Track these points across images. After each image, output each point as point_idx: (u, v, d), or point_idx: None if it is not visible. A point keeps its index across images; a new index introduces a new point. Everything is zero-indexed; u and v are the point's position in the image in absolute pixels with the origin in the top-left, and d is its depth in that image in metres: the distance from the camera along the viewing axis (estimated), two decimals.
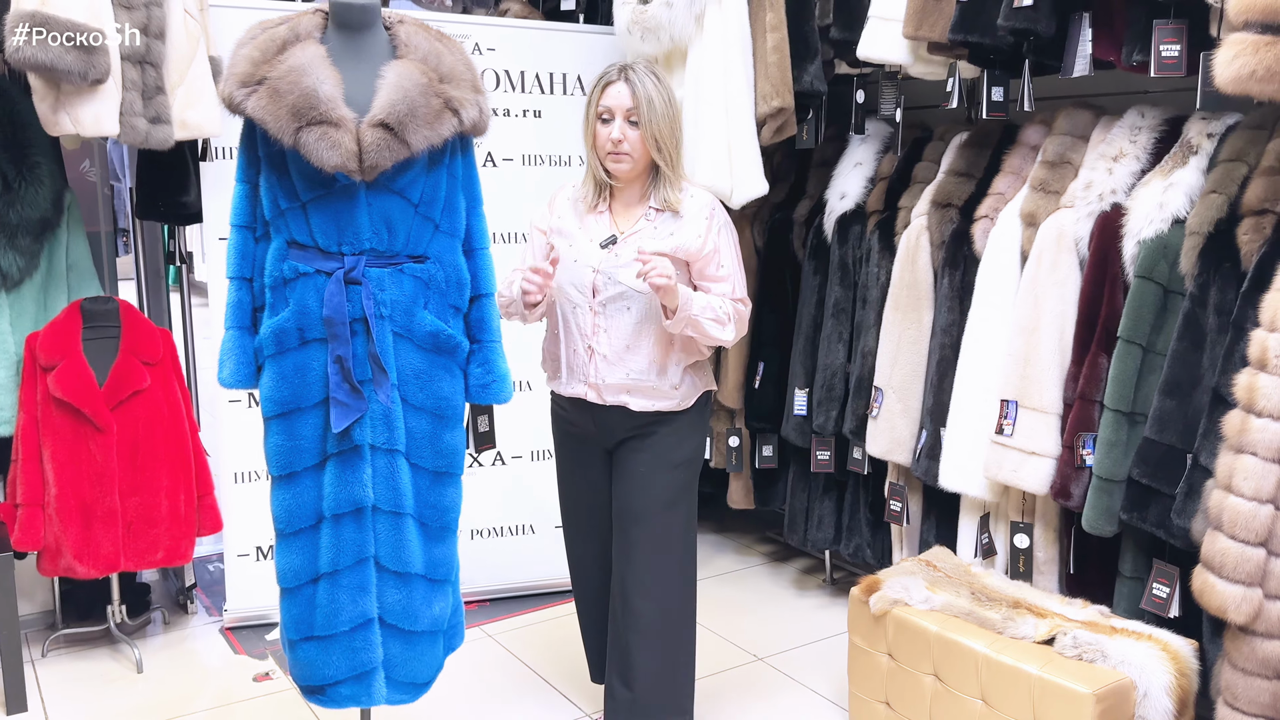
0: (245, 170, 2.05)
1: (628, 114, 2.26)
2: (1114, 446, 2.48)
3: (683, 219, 2.34)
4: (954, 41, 2.68)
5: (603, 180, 2.35)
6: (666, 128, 2.28)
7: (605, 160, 2.31)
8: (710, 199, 2.39)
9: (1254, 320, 2.14)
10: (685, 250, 2.32)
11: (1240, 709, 2.10)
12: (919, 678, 2.46)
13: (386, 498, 2.07)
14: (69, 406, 2.88)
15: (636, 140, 2.27)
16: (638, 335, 2.34)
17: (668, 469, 2.41)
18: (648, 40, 3.09)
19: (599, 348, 2.35)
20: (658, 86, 2.28)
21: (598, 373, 2.36)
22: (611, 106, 2.27)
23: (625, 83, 2.27)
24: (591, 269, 2.33)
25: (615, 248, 2.33)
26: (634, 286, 2.29)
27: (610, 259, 2.32)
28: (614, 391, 2.36)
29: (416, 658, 2.15)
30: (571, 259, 2.35)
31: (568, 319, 2.38)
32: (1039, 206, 2.70)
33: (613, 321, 2.34)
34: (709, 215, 2.35)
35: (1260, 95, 1.96)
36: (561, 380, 2.44)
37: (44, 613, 3.33)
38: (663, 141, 2.28)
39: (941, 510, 3.04)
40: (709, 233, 2.34)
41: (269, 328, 2.04)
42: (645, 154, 2.29)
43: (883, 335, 3.09)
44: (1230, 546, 2.05)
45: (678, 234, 2.33)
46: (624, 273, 2.30)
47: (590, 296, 2.33)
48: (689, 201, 2.35)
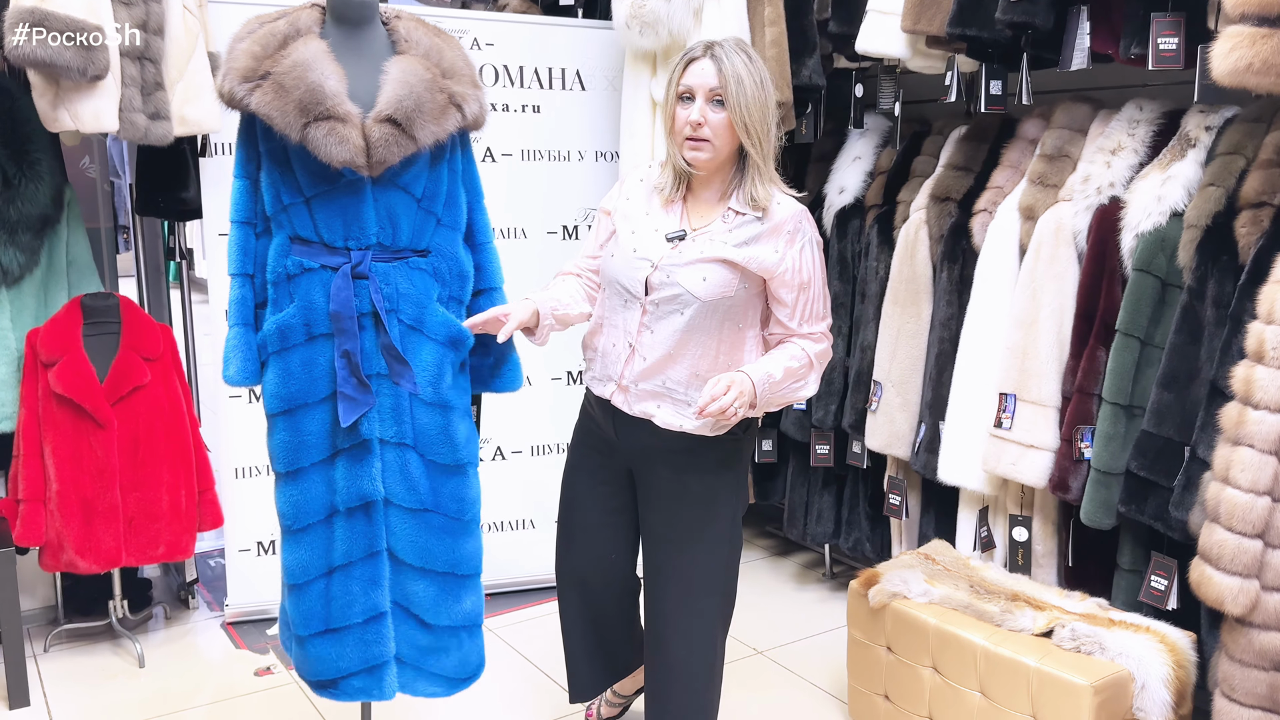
0: (244, 165, 2.05)
1: (711, 93, 1.99)
2: (1112, 439, 2.48)
3: (764, 227, 2.05)
4: (952, 35, 2.68)
5: (682, 169, 2.07)
6: (758, 111, 1.99)
7: (683, 148, 2.04)
8: (798, 210, 2.08)
9: (1251, 313, 2.15)
10: (759, 264, 2.04)
11: (1237, 700, 2.11)
12: (918, 670, 2.47)
13: (400, 492, 2.07)
14: (70, 402, 2.89)
15: (721, 124, 2.00)
16: (683, 343, 2.09)
17: (701, 504, 2.18)
18: (646, 35, 3.08)
19: (640, 349, 2.13)
20: (748, 66, 2.00)
21: (632, 373, 2.14)
22: (693, 85, 2.00)
23: (710, 59, 2.00)
24: (650, 264, 2.09)
25: (682, 244, 2.09)
26: (693, 290, 2.05)
27: (673, 255, 2.08)
28: (642, 398, 2.14)
29: (445, 652, 2.14)
30: (631, 248, 2.12)
31: (615, 313, 2.17)
32: (1037, 200, 2.70)
33: (660, 323, 2.10)
34: (794, 229, 2.06)
35: (1257, 88, 1.96)
36: (595, 375, 2.23)
37: (46, 608, 3.34)
38: (753, 127, 1.99)
39: (940, 504, 3.05)
40: (789, 248, 2.05)
41: (273, 324, 2.03)
42: (729, 142, 2.02)
43: (881, 329, 3.10)
44: (1227, 538, 2.06)
45: (754, 244, 2.05)
46: (684, 273, 2.05)
47: (643, 293, 2.10)
48: (776, 209, 2.06)
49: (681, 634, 2.23)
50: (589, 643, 2.47)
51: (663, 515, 2.22)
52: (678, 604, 2.22)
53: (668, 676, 2.25)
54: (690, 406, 2.11)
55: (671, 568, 2.22)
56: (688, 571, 2.21)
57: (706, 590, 2.23)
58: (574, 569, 2.41)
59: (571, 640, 2.48)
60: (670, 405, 2.14)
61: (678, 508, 2.20)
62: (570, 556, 2.40)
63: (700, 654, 2.24)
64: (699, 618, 2.23)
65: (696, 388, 2.10)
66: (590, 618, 2.44)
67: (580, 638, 2.46)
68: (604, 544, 2.36)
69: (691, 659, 2.23)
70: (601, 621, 2.45)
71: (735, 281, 2.06)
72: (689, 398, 2.12)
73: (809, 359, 2.09)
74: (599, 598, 2.42)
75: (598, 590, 2.41)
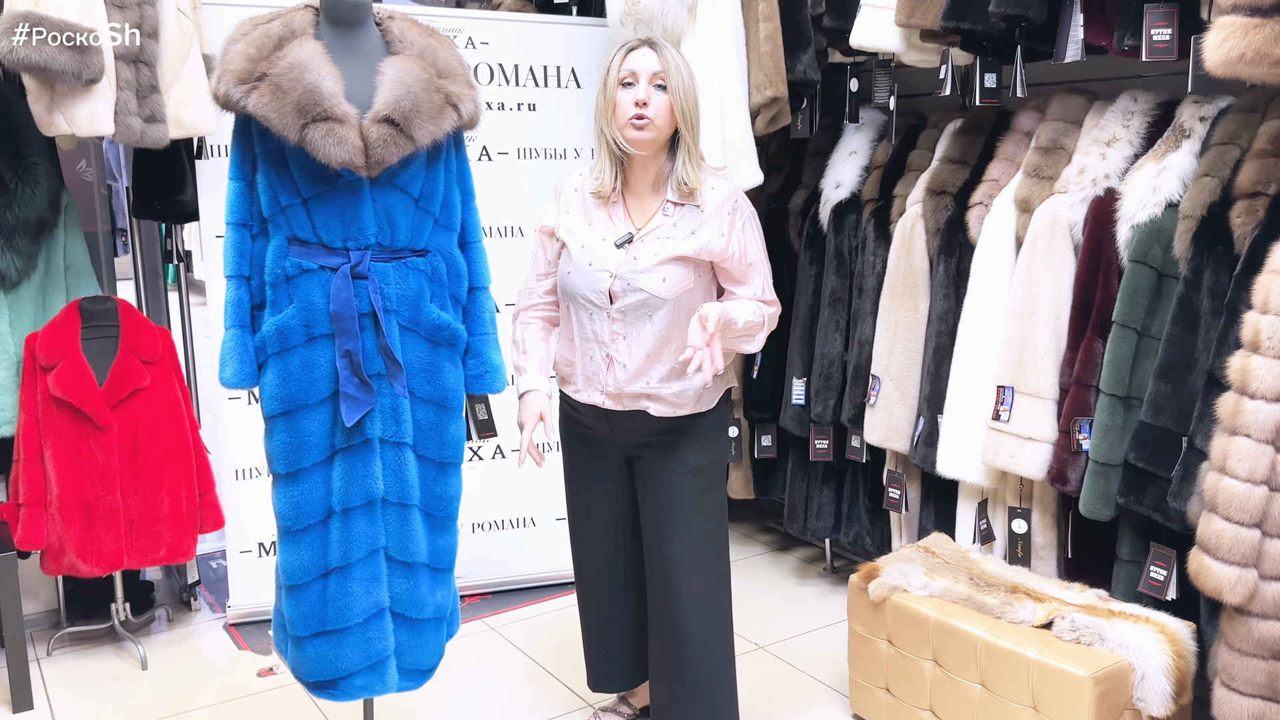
0: (240, 167, 2.05)
1: (654, 77, 2.13)
2: (1110, 431, 2.49)
3: (704, 214, 2.18)
4: (946, 29, 2.69)
5: (619, 156, 2.17)
6: (692, 101, 2.16)
7: (625, 129, 2.13)
8: (731, 190, 2.22)
9: (1247, 303, 2.15)
10: (710, 251, 2.18)
11: (1237, 689, 2.11)
12: (918, 663, 2.47)
13: (395, 490, 2.08)
14: (69, 406, 2.89)
15: (663, 106, 2.12)
16: (661, 344, 2.20)
17: (695, 474, 2.30)
18: (640, 31, 3.08)
19: (618, 356, 2.22)
20: (682, 58, 2.18)
21: (616, 382, 2.24)
22: (637, 70, 2.13)
23: (650, 47, 2.15)
24: (608, 274, 2.18)
25: (631, 248, 2.19)
26: (657, 294, 2.16)
27: (629, 263, 2.18)
28: (634, 399, 2.25)
29: (422, 645, 2.18)
30: (586, 262, 2.21)
31: (583, 325, 2.24)
32: (1033, 192, 2.70)
33: (632, 329, 2.20)
34: (732, 210, 2.20)
35: (1250, 78, 1.96)
36: (577, 387, 2.31)
37: (48, 611, 3.34)
38: (689, 112, 2.15)
39: (940, 497, 3.05)
40: (733, 229, 2.19)
41: (272, 325, 2.03)
42: (669, 124, 2.14)
43: (879, 323, 3.10)
44: (1225, 528, 2.06)
45: (699, 232, 2.18)
46: (645, 279, 2.16)
47: (608, 303, 2.19)
48: (710, 194, 2.20)
49: (694, 606, 2.30)
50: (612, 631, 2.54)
51: (664, 492, 2.30)
52: (688, 577, 2.30)
53: (685, 651, 2.30)
54: (680, 399, 2.24)
55: (678, 542, 2.29)
56: (694, 544, 2.30)
57: (713, 559, 2.33)
58: (594, 562, 2.49)
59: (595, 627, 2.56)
60: (662, 402, 2.25)
61: (677, 483, 2.29)
62: (589, 551, 2.49)
63: (715, 625, 2.33)
64: (708, 588, 2.32)
65: (679, 377, 2.22)
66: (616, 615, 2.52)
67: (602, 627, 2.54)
68: (622, 532, 2.44)
69: (705, 630, 2.31)
70: (626, 618, 2.52)
71: (691, 274, 2.19)
72: (680, 391, 2.23)
73: (763, 319, 2.24)
74: (620, 584, 2.49)
75: (620, 578, 2.48)
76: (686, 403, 2.26)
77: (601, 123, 2.18)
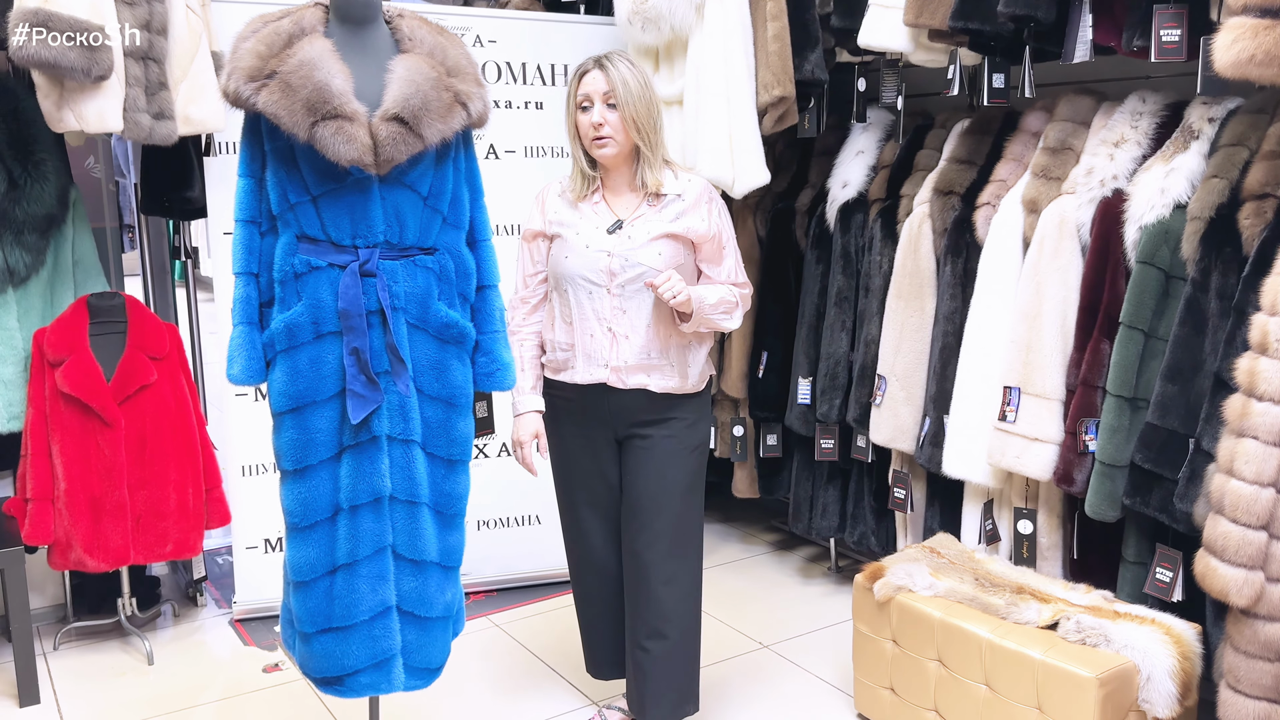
0: (249, 165, 2.05)
1: (605, 97, 2.30)
2: (1116, 432, 2.49)
3: (685, 203, 2.37)
4: (954, 29, 2.68)
5: (589, 172, 2.38)
6: (644, 109, 2.31)
7: (590, 148, 2.34)
8: (705, 183, 2.43)
9: (1255, 305, 2.15)
10: (695, 232, 2.37)
11: (1243, 691, 2.11)
12: (923, 663, 2.47)
13: (403, 487, 2.09)
14: (77, 401, 2.90)
15: (617, 122, 2.30)
16: (659, 313, 2.37)
17: (686, 453, 2.44)
18: (648, 30, 3.09)
19: (619, 329, 2.37)
20: (632, 70, 2.32)
21: (619, 355, 2.37)
22: (589, 93, 2.31)
23: (599, 69, 2.31)
24: (605, 253, 2.35)
25: (623, 230, 2.36)
26: (654, 266, 2.33)
27: (625, 241, 2.35)
28: (634, 372, 2.38)
29: (430, 643, 2.18)
30: (582, 245, 2.37)
31: (583, 305, 2.38)
32: (1041, 193, 2.70)
33: (632, 302, 2.36)
34: (709, 199, 2.41)
35: (1260, 79, 1.96)
36: (576, 369, 2.42)
37: (55, 606, 3.36)
38: (640, 122, 2.31)
39: (945, 497, 3.05)
40: (710, 215, 2.39)
41: (280, 322, 2.04)
42: (628, 136, 2.32)
43: (885, 323, 3.10)
44: (1232, 530, 2.06)
45: (683, 218, 2.37)
46: (642, 253, 2.34)
47: (608, 279, 2.35)
48: (688, 186, 2.39)
49: (671, 584, 2.44)
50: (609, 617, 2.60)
51: (653, 473, 2.42)
52: (667, 557, 2.43)
53: (661, 625, 2.44)
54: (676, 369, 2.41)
55: (661, 523, 2.42)
56: (676, 526, 2.43)
57: (691, 543, 2.48)
58: (590, 546, 2.55)
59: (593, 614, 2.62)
60: (660, 373, 2.40)
61: (666, 465, 2.42)
62: (585, 535, 2.55)
63: (689, 604, 2.47)
64: (686, 569, 2.46)
65: (679, 351, 2.40)
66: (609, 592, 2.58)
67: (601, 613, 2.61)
68: (615, 514, 2.51)
69: (680, 609, 2.45)
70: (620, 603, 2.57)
71: (682, 251, 2.38)
72: (675, 362, 2.41)
73: (736, 299, 2.43)
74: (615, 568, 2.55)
75: (614, 561, 2.54)
76: (682, 375, 2.41)
77: (571, 143, 2.40)
